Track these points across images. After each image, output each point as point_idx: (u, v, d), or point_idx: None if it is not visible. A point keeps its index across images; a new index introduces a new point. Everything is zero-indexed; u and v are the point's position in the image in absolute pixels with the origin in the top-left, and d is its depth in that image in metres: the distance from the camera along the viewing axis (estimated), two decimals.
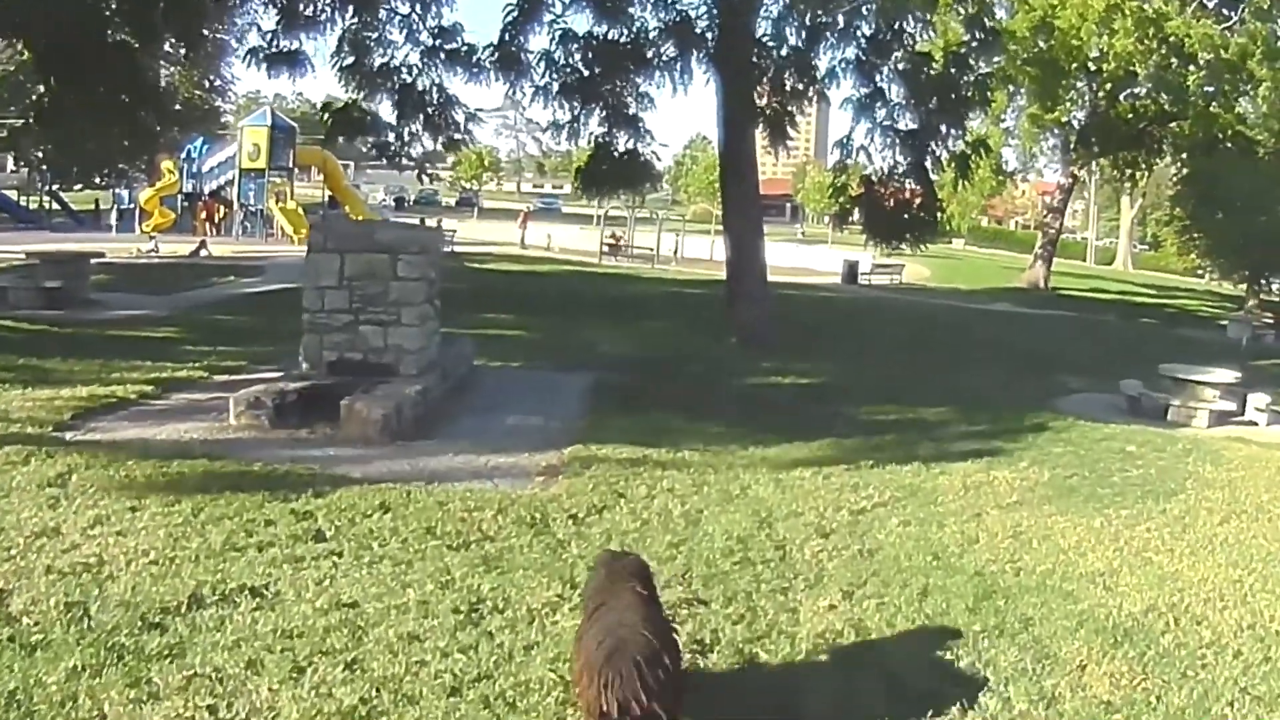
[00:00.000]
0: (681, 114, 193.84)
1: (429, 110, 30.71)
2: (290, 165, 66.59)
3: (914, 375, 25.58)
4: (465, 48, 30.12)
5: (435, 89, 30.67)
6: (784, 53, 31.21)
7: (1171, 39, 57.26)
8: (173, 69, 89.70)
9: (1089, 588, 10.50)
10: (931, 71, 31.17)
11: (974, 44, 34.10)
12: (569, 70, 30.50)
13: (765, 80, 31.28)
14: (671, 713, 6.21)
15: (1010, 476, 14.99)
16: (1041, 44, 61.09)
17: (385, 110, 31.47)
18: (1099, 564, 11.31)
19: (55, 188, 75.07)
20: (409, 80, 30.50)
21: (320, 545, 10.09)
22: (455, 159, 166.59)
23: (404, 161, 32.37)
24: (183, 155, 66.70)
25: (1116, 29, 57.98)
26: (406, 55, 30.46)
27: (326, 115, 31.74)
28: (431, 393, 16.93)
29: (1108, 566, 11.23)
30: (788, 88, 31.13)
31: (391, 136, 31.39)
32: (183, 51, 35.91)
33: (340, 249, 16.89)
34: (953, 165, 32.59)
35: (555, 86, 30.47)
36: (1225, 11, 60.99)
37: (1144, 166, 69.62)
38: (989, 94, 37.53)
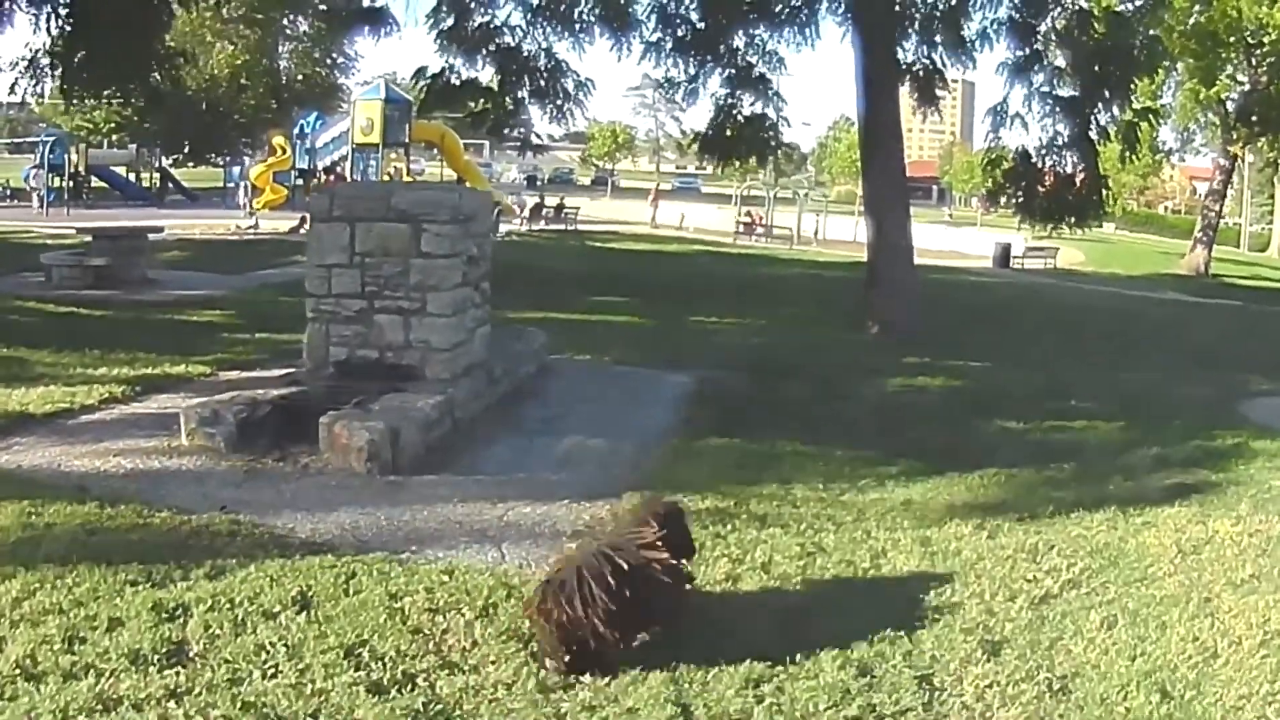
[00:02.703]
0: (826, 95, 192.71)
1: (535, 77, 27.77)
2: (406, 140, 63.50)
3: (1082, 374, 21.51)
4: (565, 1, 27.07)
5: (543, 53, 27.83)
6: (930, 2, 27.73)
7: None
8: (290, 45, 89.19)
9: None
10: (1095, 33, 27.07)
11: (1136, 3, 29.98)
12: (682, 22, 27.39)
13: (910, 33, 27.55)
14: (610, 627, 6.55)
15: (1233, 531, 10.66)
16: (1199, 16, 56.68)
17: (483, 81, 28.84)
18: None
19: (168, 164, 73.44)
20: (513, 44, 27.59)
21: (159, 679, 6.26)
22: (588, 135, 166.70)
23: (507, 133, 29.65)
24: (295, 130, 64.70)
25: None
26: (509, 15, 27.78)
27: (421, 84, 28.90)
28: (464, 405, 12.97)
29: None
30: (938, 40, 27.17)
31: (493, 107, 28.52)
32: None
33: (349, 217, 12.96)
34: (1119, 136, 28.77)
35: (669, 43, 27.46)
36: None
37: None
38: (1156, 60, 33.47)
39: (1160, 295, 46.98)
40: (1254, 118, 60.46)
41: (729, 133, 28.59)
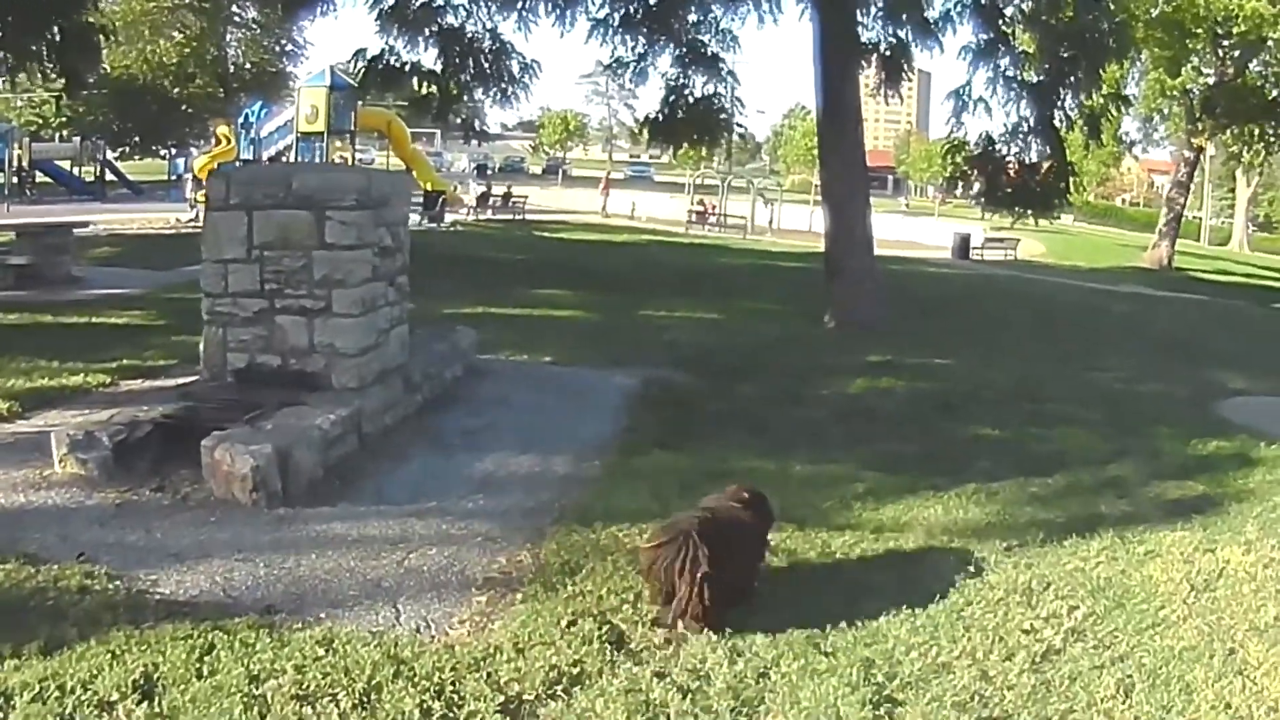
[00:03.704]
0: (781, 83, 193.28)
1: (479, 59, 26.62)
2: (352, 128, 61.87)
3: (1054, 371, 20.41)
4: None
5: (488, 35, 26.63)
6: None
7: None
8: (238, 32, 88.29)
9: None
10: (1063, 15, 26.25)
11: None
12: None
13: (872, 8, 26.55)
14: (700, 585, 7.05)
15: (1246, 561, 9.44)
16: (1165, 5, 55.84)
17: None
18: None
19: (113, 157, 71.77)
20: (456, 24, 26.42)
21: None
22: (539, 123, 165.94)
23: (451, 119, 28.49)
24: (240, 120, 63.23)
25: None
26: None
27: (359, 66, 27.37)
28: (375, 417, 11.51)
29: None
30: (903, 17, 25.94)
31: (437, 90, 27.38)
32: None
33: (247, 204, 11.46)
34: (1082, 124, 28.28)
35: (616, 18, 26.24)
36: None
37: (1273, 139, 63.69)
38: (1125, 46, 32.53)
39: (1126, 289, 46.31)
40: (1218, 110, 59.63)
41: (679, 115, 27.42)
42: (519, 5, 26.12)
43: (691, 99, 27.15)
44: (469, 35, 26.32)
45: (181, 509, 9.22)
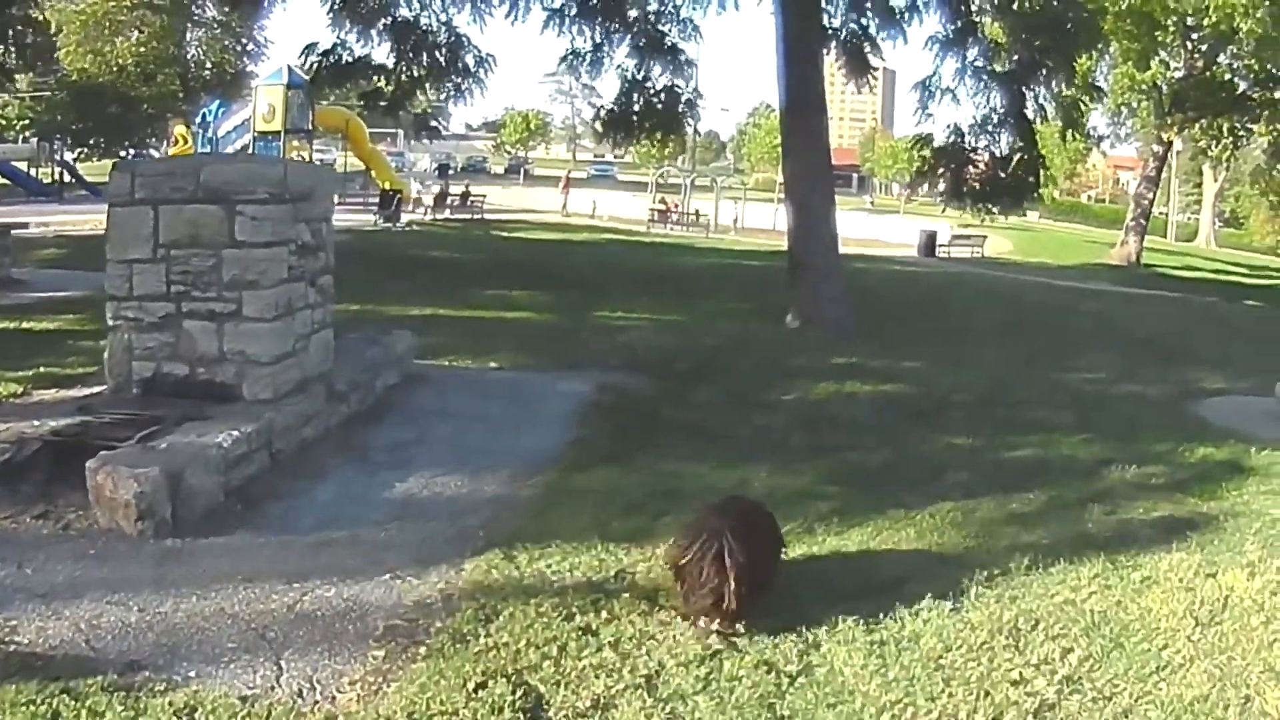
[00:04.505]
0: (746, 81, 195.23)
1: (434, 53, 26.23)
2: (309, 127, 61.26)
3: (1027, 373, 19.63)
4: None
5: (443, 28, 26.17)
6: None
7: None
8: (199, 31, 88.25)
9: None
10: (1033, 4, 25.57)
11: None
12: None
13: None
14: (734, 582, 6.92)
15: (1250, 588, 8.50)
16: None
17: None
18: None
19: (71, 158, 70.92)
20: (410, 17, 26.05)
21: None
22: (501, 123, 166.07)
23: (403, 114, 27.97)
24: (197, 119, 62.67)
25: None
26: None
27: (310, 61, 26.74)
28: (289, 432, 10.43)
29: None
30: (866, 4, 25.24)
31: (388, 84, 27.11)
32: None
33: (153, 199, 10.46)
34: (1058, 114, 28.20)
35: (572, 8, 25.68)
36: None
37: (1241, 133, 63.74)
38: (1095, 36, 32.00)
39: (1095, 286, 46.18)
40: (1188, 104, 59.37)
41: (637, 108, 26.85)
42: None
43: (651, 91, 26.56)
44: (423, 28, 25.84)
45: (62, 540, 8.18)
